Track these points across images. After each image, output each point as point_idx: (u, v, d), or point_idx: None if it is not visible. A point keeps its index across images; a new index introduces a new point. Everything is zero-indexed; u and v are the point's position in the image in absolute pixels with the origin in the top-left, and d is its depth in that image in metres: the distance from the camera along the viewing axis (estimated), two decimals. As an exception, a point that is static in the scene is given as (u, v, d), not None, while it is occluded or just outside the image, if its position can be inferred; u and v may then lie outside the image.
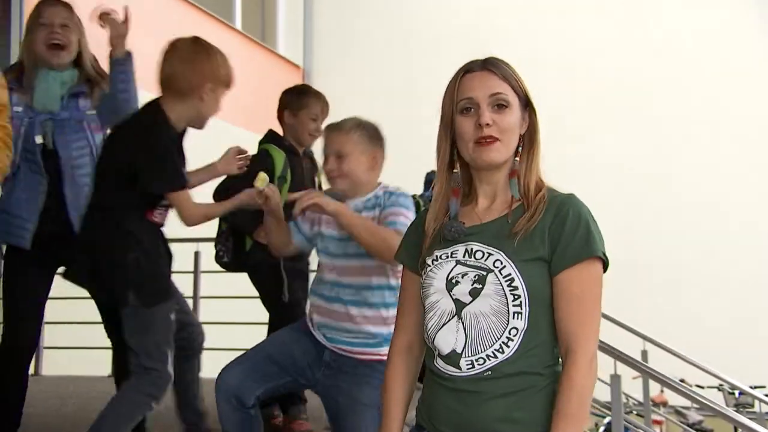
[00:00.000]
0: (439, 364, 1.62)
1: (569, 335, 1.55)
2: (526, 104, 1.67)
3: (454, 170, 1.70)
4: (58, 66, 2.81)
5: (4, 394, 2.79)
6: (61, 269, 2.87)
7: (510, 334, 1.56)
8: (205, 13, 8.33)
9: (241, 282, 3.59)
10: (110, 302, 2.63)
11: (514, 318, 1.56)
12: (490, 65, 1.65)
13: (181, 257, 5.20)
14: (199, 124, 2.66)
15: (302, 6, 10.36)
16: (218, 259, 3.57)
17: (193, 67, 2.53)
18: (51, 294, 2.93)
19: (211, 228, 3.43)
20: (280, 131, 3.52)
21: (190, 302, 5.73)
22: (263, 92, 9.33)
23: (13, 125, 2.61)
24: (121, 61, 2.83)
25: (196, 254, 5.40)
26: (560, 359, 1.59)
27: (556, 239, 1.57)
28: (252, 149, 3.23)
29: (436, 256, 1.64)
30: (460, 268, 1.60)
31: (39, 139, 2.77)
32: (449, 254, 1.63)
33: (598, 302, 1.60)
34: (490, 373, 1.56)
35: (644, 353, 5.91)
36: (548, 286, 1.57)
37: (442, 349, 1.61)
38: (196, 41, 2.61)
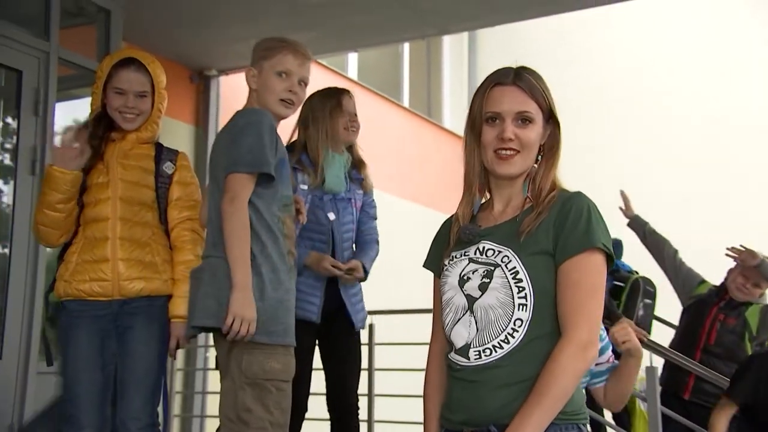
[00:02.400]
0: (453, 356, 1.70)
1: (564, 320, 1.59)
2: (550, 117, 1.75)
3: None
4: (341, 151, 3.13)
5: None
6: None
7: (515, 325, 1.61)
8: (376, 94, 8.71)
9: (416, 354, 3.60)
10: None
11: (519, 309, 1.61)
12: (519, 81, 1.72)
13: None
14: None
15: (467, 80, 10.58)
16: None
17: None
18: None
19: (386, 300, 3.51)
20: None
21: (364, 375, 5.84)
22: (430, 166, 9.53)
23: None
24: None
25: (371, 327, 5.50)
26: None
27: (560, 232, 1.63)
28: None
29: (452, 256, 1.75)
30: (471, 266, 1.69)
31: (332, 216, 3.06)
32: (463, 254, 1.72)
33: (597, 291, 1.61)
34: (494, 363, 1.61)
35: None
36: (553, 279, 1.62)
37: (456, 343, 1.68)
38: None
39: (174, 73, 5.39)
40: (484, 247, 1.69)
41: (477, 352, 1.63)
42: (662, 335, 4.56)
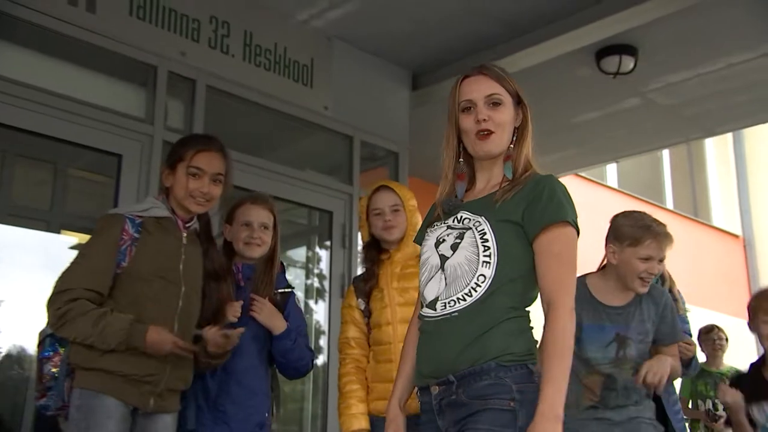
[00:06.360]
0: (423, 311, 1.88)
1: (550, 291, 1.76)
2: (519, 101, 1.94)
3: (460, 160, 1.97)
4: None
5: None
6: None
7: (478, 280, 1.78)
8: (638, 199, 8.73)
9: None
10: None
11: (482, 266, 1.78)
12: (485, 69, 1.94)
13: None
14: None
15: (734, 174, 10.16)
16: None
17: None
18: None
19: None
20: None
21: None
22: (703, 266, 9.14)
23: None
24: None
25: None
26: (515, 311, 1.79)
27: (532, 207, 1.80)
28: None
29: (434, 225, 1.95)
30: (448, 231, 1.89)
31: None
32: (443, 222, 1.92)
33: (575, 263, 1.80)
34: (456, 314, 1.78)
35: None
36: (518, 244, 1.80)
37: (428, 297, 1.86)
38: None
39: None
40: (461, 216, 1.89)
41: (443, 304, 1.82)
42: None
